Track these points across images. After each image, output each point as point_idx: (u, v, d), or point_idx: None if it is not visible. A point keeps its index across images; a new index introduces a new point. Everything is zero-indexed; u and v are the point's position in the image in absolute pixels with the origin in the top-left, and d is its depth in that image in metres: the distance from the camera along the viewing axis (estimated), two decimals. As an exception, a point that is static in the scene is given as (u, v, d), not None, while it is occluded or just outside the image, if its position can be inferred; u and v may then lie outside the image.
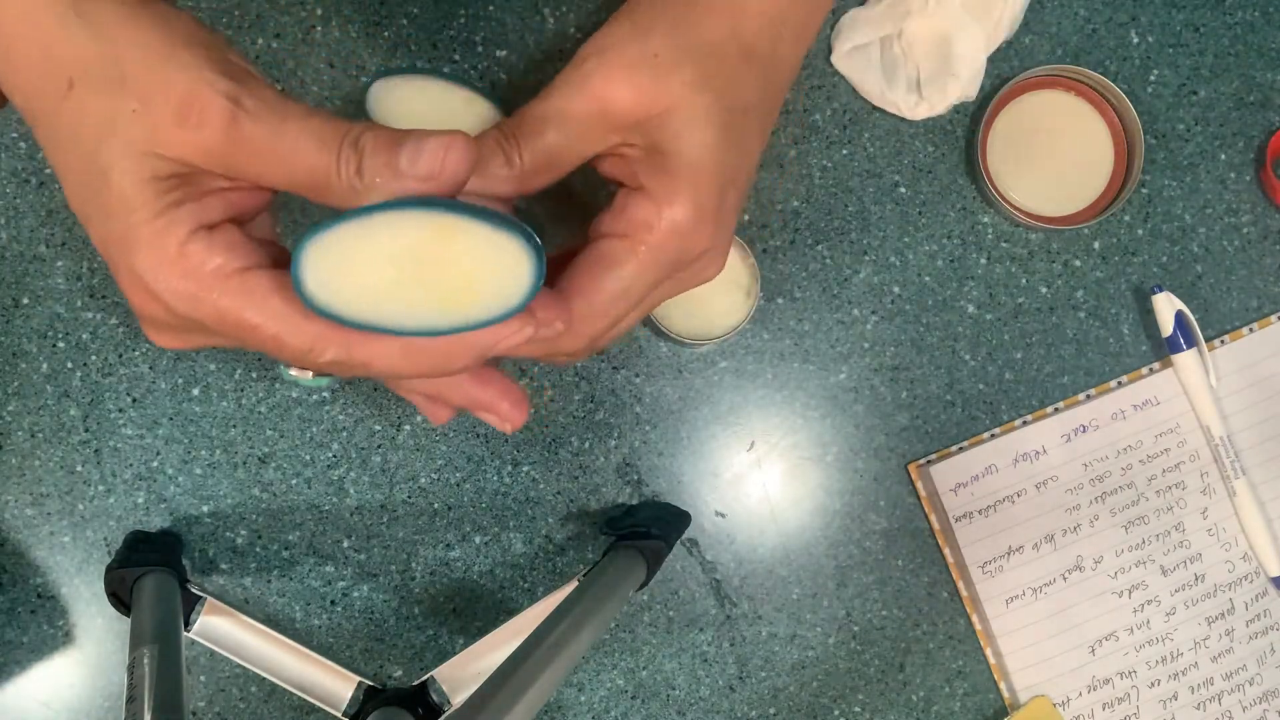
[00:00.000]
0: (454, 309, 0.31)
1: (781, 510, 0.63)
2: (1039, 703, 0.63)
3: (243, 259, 0.32)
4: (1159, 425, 0.63)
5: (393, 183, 0.31)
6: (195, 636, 0.57)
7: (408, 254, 0.30)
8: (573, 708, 0.62)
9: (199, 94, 0.31)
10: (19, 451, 0.59)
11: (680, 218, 0.36)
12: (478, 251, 0.30)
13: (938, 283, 0.63)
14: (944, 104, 0.61)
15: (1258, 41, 0.64)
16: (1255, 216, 0.64)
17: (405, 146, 0.31)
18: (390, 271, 0.30)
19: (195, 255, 0.32)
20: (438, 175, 0.31)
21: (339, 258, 0.30)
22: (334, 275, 0.30)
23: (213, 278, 0.32)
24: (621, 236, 0.37)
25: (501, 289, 0.31)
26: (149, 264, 0.32)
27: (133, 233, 0.31)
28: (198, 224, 0.32)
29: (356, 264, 0.30)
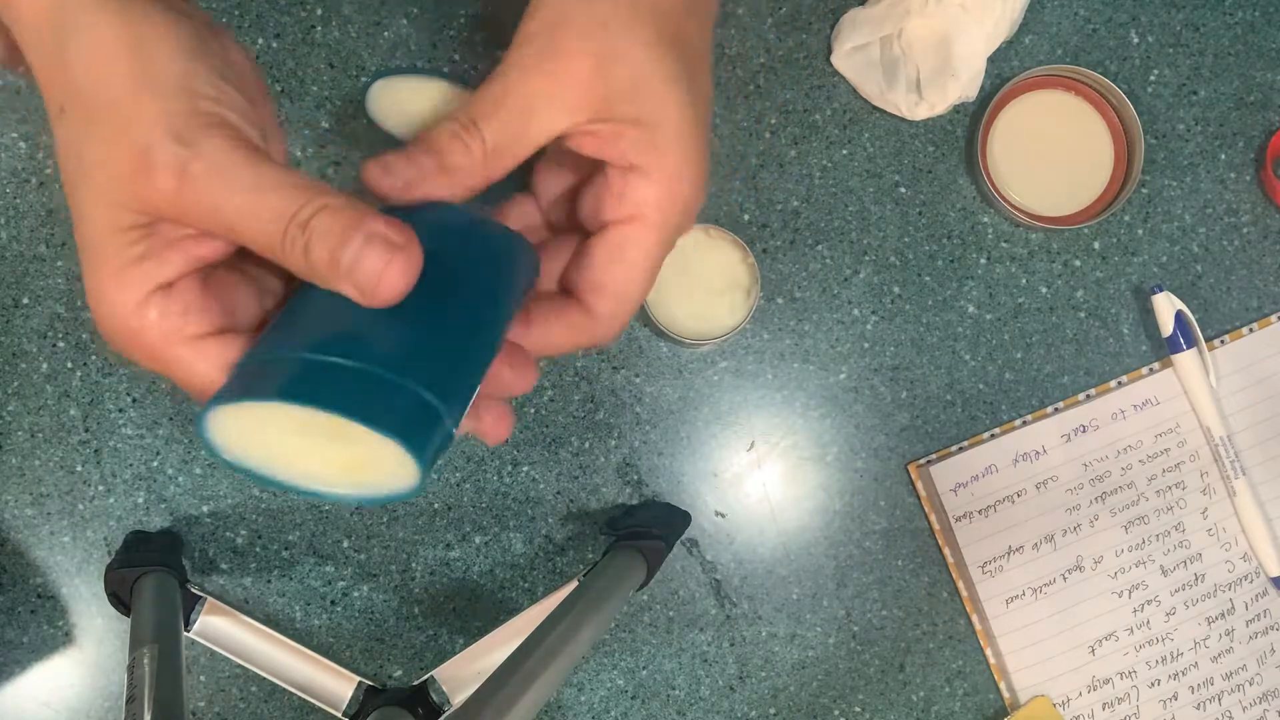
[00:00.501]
0: (354, 481, 0.32)
1: (781, 510, 0.63)
2: (1039, 703, 0.63)
3: (196, 324, 0.32)
4: (1159, 425, 0.63)
5: (334, 280, 0.30)
6: (195, 636, 0.57)
7: (302, 429, 0.30)
8: (573, 708, 0.62)
9: (149, 153, 0.30)
10: (19, 451, 0.59)
11: (685, 190, 0.36)
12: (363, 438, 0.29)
13: (938, 283, 0.63)
14: (944, 104, 0.61)
15: (1258, 41, 0.64)
16: (1255, 216, 0.64)
17: (349, 246, 0.30)
18: (291, 439, 0.31)
19: (149, 317, 0.32)
20: (371, 294, 0.30)
21: (241, 426, 0.31)
22: (239, 438, 0.31)
23: (164, 341, 0.32)
24: (630, 220, 0.36)
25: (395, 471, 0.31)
26: (106, 319, 0.32)
27: (96, 284, 0.32)
28: (155, 284, 0.32)
29: (259, 430, 0.31)
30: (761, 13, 0.62)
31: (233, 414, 0.30)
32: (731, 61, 0.62)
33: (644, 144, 0.36)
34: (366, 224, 0.30)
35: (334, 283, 0.30)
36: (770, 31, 0.62)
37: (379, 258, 0.30)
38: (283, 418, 0.30)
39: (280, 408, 0.29)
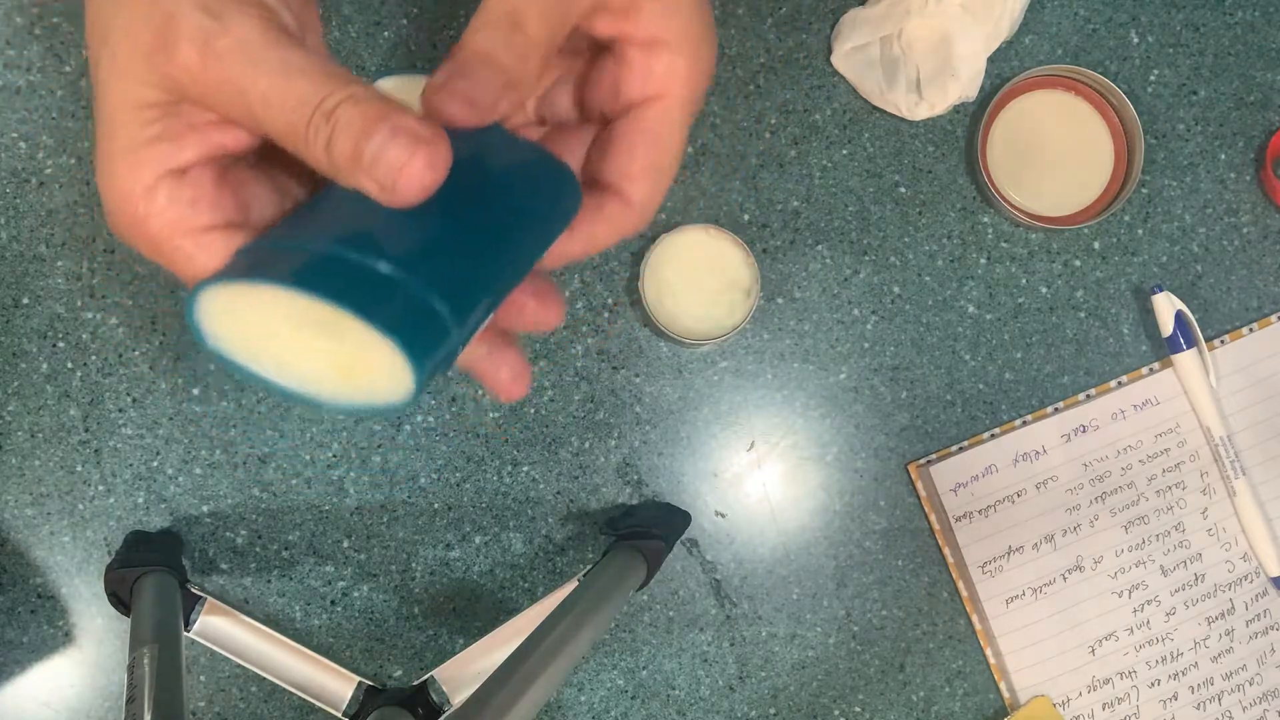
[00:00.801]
0: (341, 385, 0.30)
1: (781, 510, 0.63)
2: (1039, 703, 0.63)
3: (205, 216, 0.31)
4: (1159, 425, 0.63)
5: (355, 175, 0.28)
6: (195, 636, 0.57)
7: (297, 322, 0.28)
8: (573, 708, 0.62)
9: (174, 23, 0.29)
10: (19, 451, 0.59)
11: (708, 58, 0.35)
12: (359, 340, 0.28)
13: (938, 283, 0.63)
14: (944, 104, 0.61)
15: (1258, 41, 0.64)
16: (1255, 216, 0.64)
17: (373, 139, 0.28)
18: (282, 332, 0.29)
19: (157, 202, 0.30)
20: (391, 191, 0.28)
21: (234, 308, 0.29)
22: (229, 323, 0.29)
23: (170, 229, 0.31)
24: (658, 98, 0.35)
25: (387, 381, 0.29)
26: (114, 199, 0.31)
27: (109, 162, 0.31)
28: (168, 168, 0.30)
29: (250, 318, 0.29)
30: (761, 13, 0.62)
31: (225, 297, 0.29)
32: (731, 61, 0.62)
33: (664, 15, 0.34)
34: (393, 117, 0.28)
35: (355, 178, 0.28)
36: (770, 31, 0.62)
37: (403, 150, 0.28)
38: (277, 308, 0.28)
39: (276, 295, 0.28)
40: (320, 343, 0.29)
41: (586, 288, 0.61)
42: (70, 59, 0.59)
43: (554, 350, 0.61)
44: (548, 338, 0.61)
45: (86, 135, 0.59)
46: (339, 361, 0.29)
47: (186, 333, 0.60)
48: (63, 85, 0.59)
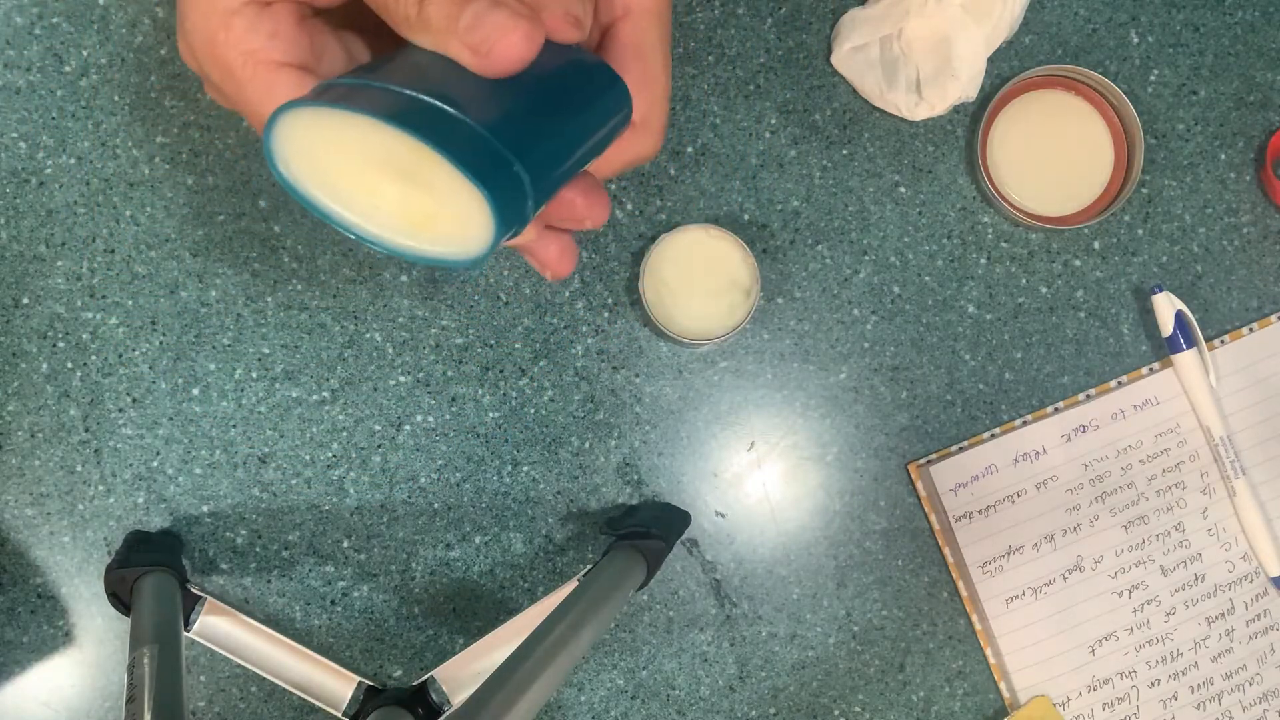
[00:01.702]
0: (414, 234, 0.29)
1: (781, 510, 0.63)
2: (1039, 703, 0.63)
3: (281, 51, 0.31)
4: (1159, 425, 0.63)
5: (445, 38, 0.28)
6: (195, 636, 0.57)
7: (379, 163, 0.28)
8: (573, 708, 0.62)
9: None
10: (19, 451, 0.59)
11: None
12: (445, 189, 0.27)
13: (938, 283, 0.63)
14: (944, 104, 0.61)
15: (1258, 41, 0.64)
16: (1255, 216, 0.64)
17: (467, 9, 0.28)
18: (359, 172, 0.28)
19: (236, 29, 0.30)
20: (485, 56, 0.28)
21: (313, 140, 0.28)
22: (305, 155, 0.28)
23: (245, 58, 0.30)
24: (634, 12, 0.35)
25: (461, 236, 0.28)
26: (193, 19, 0.30)
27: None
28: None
29: (329, 153, 0.28)
30: (761, 13, 0.62)
31: (306, 124, 0.28)
32: (731, 61, 0.62)
33: None
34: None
35: (446, 42, 0.28)
36: (770, 31, 0.62)
37: (505, 20, 0.28)
38: (362, 144, 0.28)
39: (366, 128, 0.27)
40: (399, 187, 0.28)
41: (586, 288, 0.61)
42: (70, 59, 0.59)
43: (554, 350, 0.61)
44: (548, 337, 0.61)
45: (86, 135, 0.59)
46: (415, 209, 0.29)
47: (186, 332, 0.60)
48: (63, 85, 0.59)
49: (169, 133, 0.60)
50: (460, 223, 0.28)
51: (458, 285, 0.61)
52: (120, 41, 0.59)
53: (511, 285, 0.61)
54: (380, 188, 0.28)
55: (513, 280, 0.61)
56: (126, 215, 0.60)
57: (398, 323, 0.61)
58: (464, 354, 0.61)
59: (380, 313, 0.60)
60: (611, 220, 0.62)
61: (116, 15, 0.59)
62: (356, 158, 0.28)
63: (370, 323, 0.60)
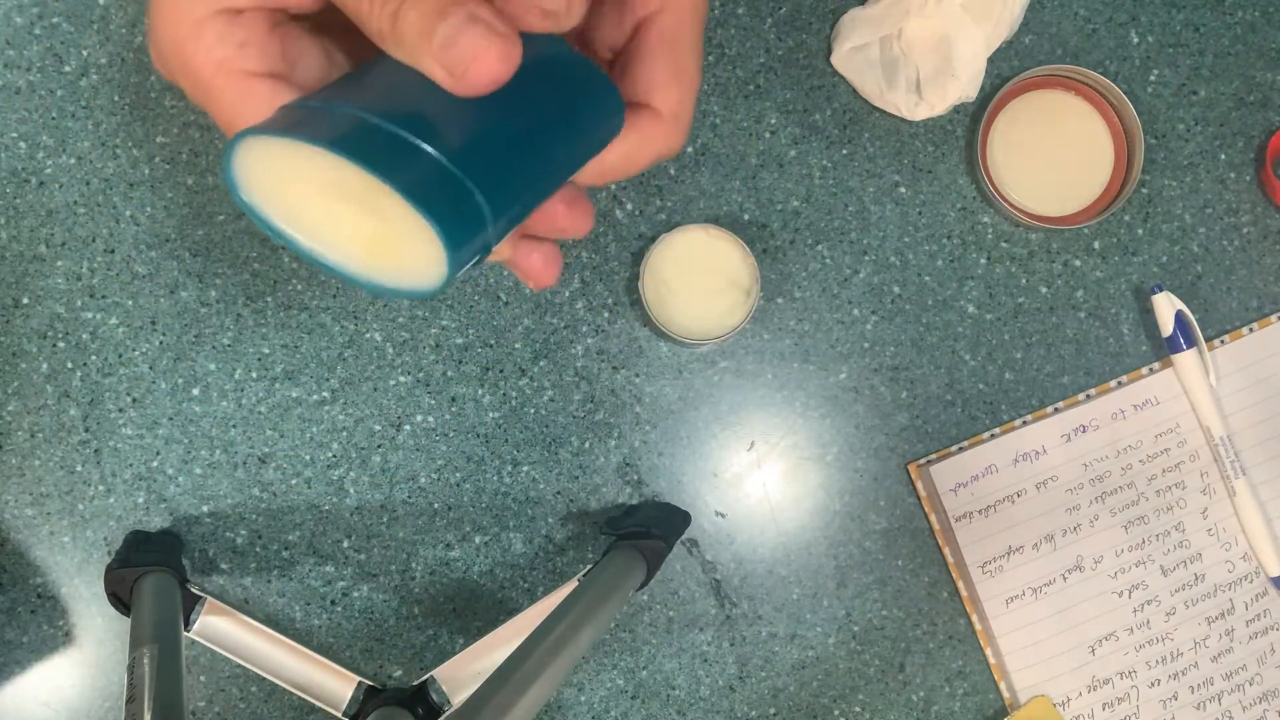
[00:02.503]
0: (372, 263, 0.29)
1: (781, 510, 0.63)
2: (1039, 703, 0.63)
3: (253, 61, 0.30)
4: (1159, 425, 0.63)
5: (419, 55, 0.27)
6: (195, 636, 0.57)
7: (336, 191, 0.28)
8: (573, 708, 0.62)
9: None
10: (19, 451, 0.59)
11: None
12: (399, 219, 0.27)
13: (938, 283, 0.63)
14: (944, 104, 0.61)
15: (1258, 41, 0.64)
16: (1255, 216, 0.64)
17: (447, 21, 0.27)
18: (319, 199, 0.28)
19: (206, 38, 0.30)
20: (460, 78, 0.27)
21: (272, 166, 0.28)
22: (266, 181, 0.28)
23: (215, 67, 0.30)
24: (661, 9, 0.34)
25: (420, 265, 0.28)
26: (162, 28, 0.30)
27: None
28: (223, 6, 0.30)
29: (288, 179, 0.28)
30: (761, 13, 0.62)
31: (264, 151, 0.28)
32: (731, 61, 0.62)
33: None
34: (469, 2, 0.27)
35: (420, 58, 0.28)
36: (770, 31, 0.62)
37: (480, 39, 0.27)
38: (317, 171, 0.27)
39: (317, 156, 0.27)
40: (356, 215, 0.28)
41: (586, 288, 0.61)
42: (70, 59, 0.59)
43: (554, 350, 0.61)
44: (548, 337, 0.61)
45: (86, 135, 0.59)
46: (373, 237, 0.28)
47: (186, 332, 0.60)
48: (63, 85, 0.59)
49: (169, 133, 0.60)
50: (417, 252, 0.28)
51: (458, 285, 0.61)
52: (120, 41, 0.59)
53: (511, 285, 0.61)
54: (339, 216, 0.28)
55: (513, 280, 0.61)
56: (126, 215, 0.60)
57: (398, 323, 0.61)
58: (464, 354, 0.61)
59: (380, 313, 0.60)
60: (611, 220, 0.62)
61: (116, 15, 0.59)
62: (315, 185, 0.28)
63: (370, 323, 0.60)
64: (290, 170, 0.28)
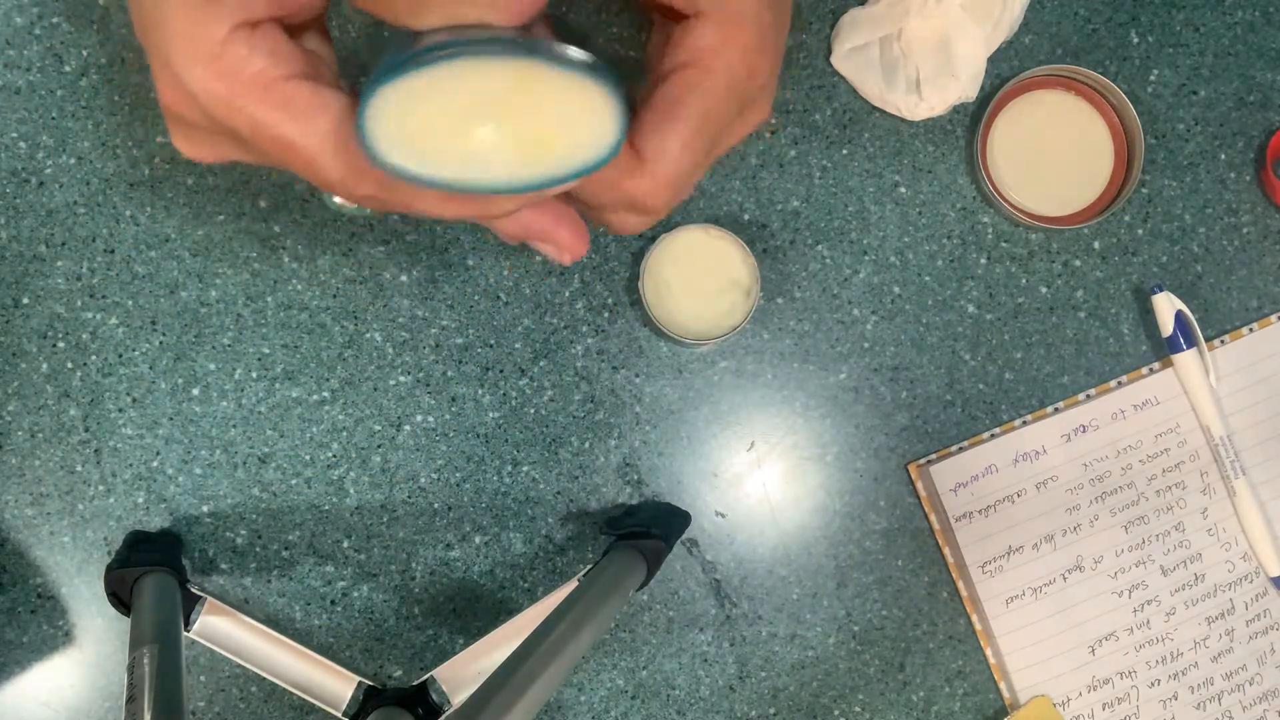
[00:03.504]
0: (532, 164, 0.28)
1: (781, 510, 0.63)
2: (1039, 703, 0.63)
3: (286, 66, 0.29)
4: (1159, 425, 0.63)
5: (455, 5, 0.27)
6: (195, 636, 0.57)
7: (481, 106, 0.27)
8: (573, 708, 0.62)
9: None
10: (19, 451, 0.59)
11: (748, 39, 0.33)
12: (556, 101, 0.27)
13: (938, 283, 0.63)
14: (944, 104, 0.61)
15: (1258, 41, 0.64)
16: (1255, 216, 0.64)
17: None
18: (464, 125, 0.28)
19: (234, 56, 0.29)
20: (507, 6, 0.27)
21: (406, 110, 0.27)
22: (402, 129, 0.28)
23: (251, 83, 0.29)
24: (686, 67, 0.33)
25: (583, 142, 0.28)
26: (184, 59, 0.29)
27: (171, 22, 0.29)
28: (240, 20, 0.29)
29: (427, 117, 0.27)
30: (761, 13, 0.62)
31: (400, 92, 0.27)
32: (731, 61, 0.62)
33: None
34: None
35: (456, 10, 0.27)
36: (770, 31, 0.62)
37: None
38: (452, 96, 0.27)
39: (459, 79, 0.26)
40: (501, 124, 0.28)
41: (586, 288, 0.61)
42: (70, 59, 0.59)
43: (554, 350, 0.61)
44: (548, 337, 0.61)
45: (86, 135, 0.59)
46: (528, 138, 0.28)
47: (186, 332, 0.60)
48: (63, 85, 0.59)
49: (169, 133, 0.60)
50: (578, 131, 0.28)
51: (458, 285, 0.61)
52: (120, 41, 0.59)
53: (511, 285, 0.61)
54: (487, 132, 0.28)
55: (513, 280, 0.61)
56: (126, 215, 0.60)
57: (398, 323, 0.61)
58: (464, 354, 0.61)
59: (380, 313, 0.60)
60: (611, 220, 0.61)
61: (116, 15, 0.59)
62: (455, 114, 0.27)
63: (370, 323, 0.60)
64: (423, 108, 0.27)
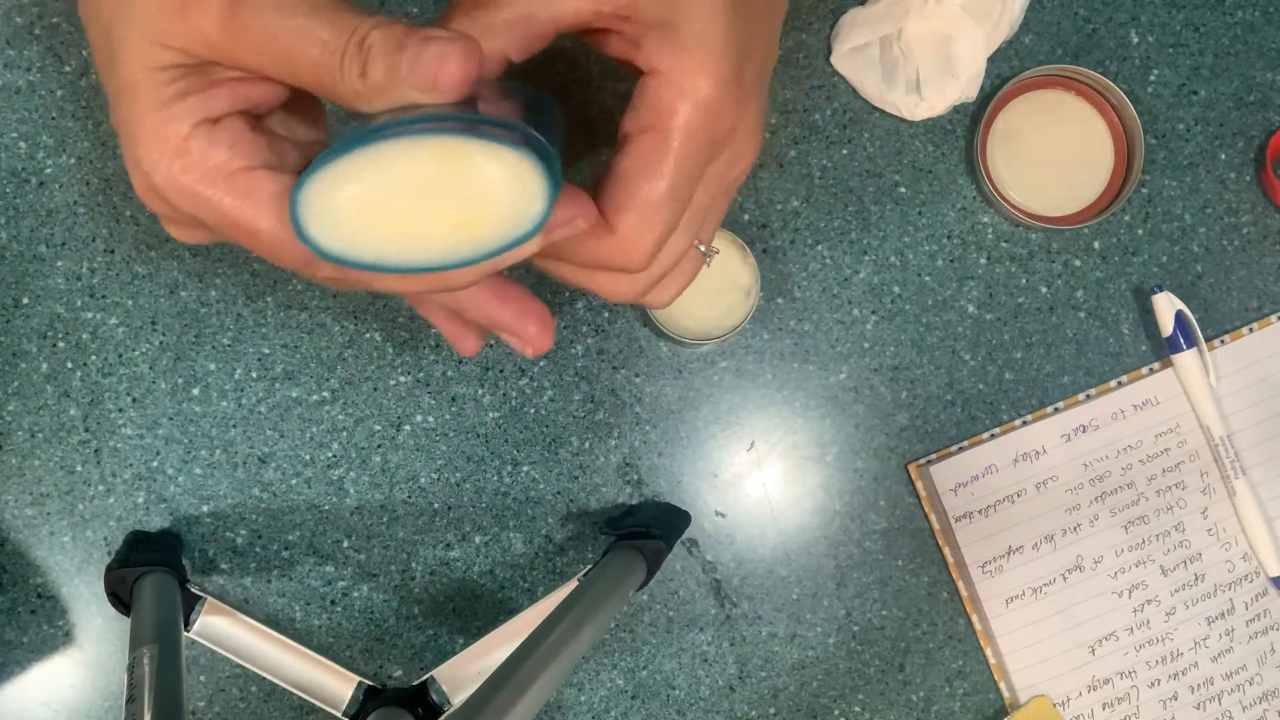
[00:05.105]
0: (465, 239, 0.29)
1: (781, 510, 0.63)
2: (1039, 703, 0.63)
3: (246, 157, 0.31)
4: (1159, 425, 0.63)
5: (394, 90, 0.29)
6: (195, 636, 0.57)
7: (409, 185, 0.28)
8: (573, 708, 0.62)
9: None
10: (19, 451, 0.59)
11: (703, 91, 0.33)
12: (485, 175, 0.28)
13: (938, 283, 0.63)
14: (944, 104, 0.61)
15: (1258, 41, 0.64)
16: (1255, 216, 0.64)
17: (406, 51, 0.29)
18: (394, 206, 0.28)
19: (196, 151, 0.30)
20: (433, 87, 0.29)
21: (337, 197, 0.28)
22: (333, 217, 0.28)
23: (213, 175, 0.30)
24: (648, 130, 0.34)
25: (513, 212, 0.29)
26: (150, 157, 0.30)
27: (136, 123, 0.30)
28: (201, 117, 0.30)
29: (355, 203, 0.28)
30: (761, 13, 0.62)
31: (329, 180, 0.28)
32: (731, 61, 0.62)
33: (662, 44, 0.33)
34: (422, 30, 0.29)
35: (397, 93, 0.29)
36: (770, 31, 0.62)
37: (438, 51, 0.29)
38: (380, 178, 0.28)
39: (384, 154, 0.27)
40: (431, 201, 0.28)
41: (586, 288, 0.61)
42: (70, 59, 0.59)
43: (554, 350, 0.61)
44: (548, 338, 0.61)
45: (86, 135, 0.59)
46: (452, 218, 0.29)
47: (186, 332, 0.60)
48: (63, 85, 0.59)
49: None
50: (506, 201, 0.29)
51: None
52: (120, 41, 0.59)
53: (511, 285, 0.61)
54: (417, 210, 0.29)
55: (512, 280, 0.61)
56: (126, 215, 0.60)
57: (398, 323, 0.61)
58: (464, 354, 0.61)
59: (380, 313, 0.60)
60: (611, 220, 0.61)
61: (116, 15, 0.59)
62: (384, 195, 0.28)
63: (370, 323, 0.60)
64: (353, 194, 0.28)
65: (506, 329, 0.37)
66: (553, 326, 0.37)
